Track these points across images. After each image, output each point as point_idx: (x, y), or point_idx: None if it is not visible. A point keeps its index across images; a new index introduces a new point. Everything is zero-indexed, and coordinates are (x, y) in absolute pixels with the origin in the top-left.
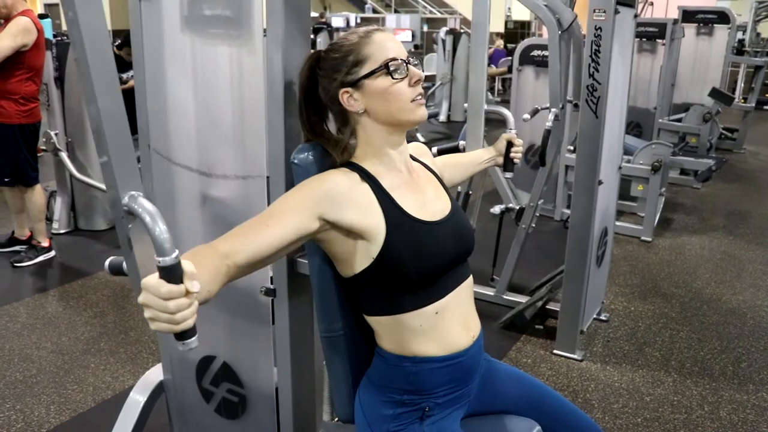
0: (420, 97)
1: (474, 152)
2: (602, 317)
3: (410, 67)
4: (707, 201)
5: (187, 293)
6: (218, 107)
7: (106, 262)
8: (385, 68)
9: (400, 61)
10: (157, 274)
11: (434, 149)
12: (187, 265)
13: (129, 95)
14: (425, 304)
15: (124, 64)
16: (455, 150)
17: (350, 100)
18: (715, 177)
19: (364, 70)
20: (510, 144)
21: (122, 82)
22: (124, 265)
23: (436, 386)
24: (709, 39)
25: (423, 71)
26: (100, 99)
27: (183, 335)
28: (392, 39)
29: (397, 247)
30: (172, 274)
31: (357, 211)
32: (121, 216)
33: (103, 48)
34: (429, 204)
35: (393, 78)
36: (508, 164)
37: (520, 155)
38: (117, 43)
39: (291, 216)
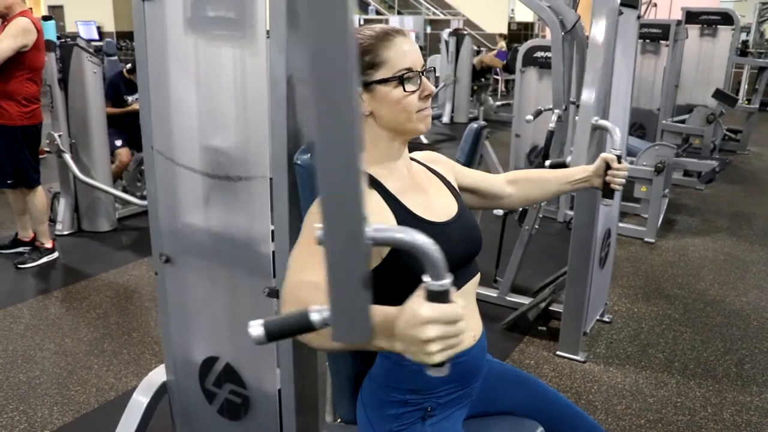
0: (427, 109)
1: (567, 169)
2: (605, 319)
3: (423, 79)
4: (711, 202)
5: None
6: (221, 108)
7: (259, 330)
8: (399, 79)
9: (415, 72)
10: (425, 303)
11: (547, 162)
12: None
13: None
14: None
15: (133, 87)
16: (564, 165)
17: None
18: (718, 178)
19: (379, 75)
20: (609, 166)
21: (127, 104)
22: (314, 317)
23: (437, 386)
24: (712, 40)
25: (437, 72)
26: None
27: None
28: (411, 44)
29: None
30: (448, 296)
31: (373, 218)
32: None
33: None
34: (434, 205)
35: (405, 90)
36: (605, 189)
37: (619, 181)
38: (128, 68)
39: None
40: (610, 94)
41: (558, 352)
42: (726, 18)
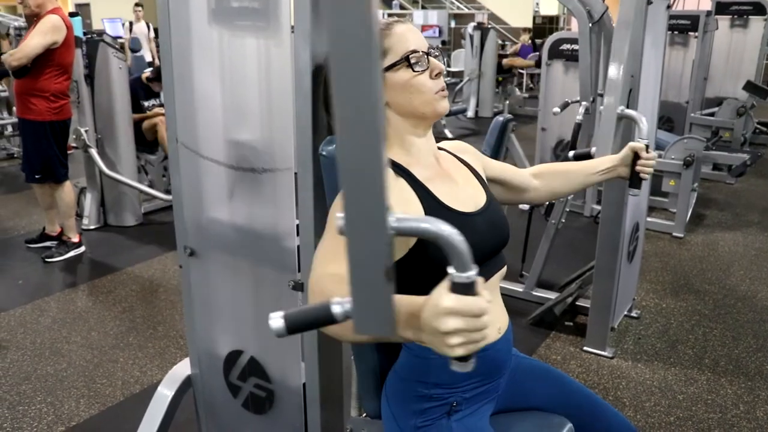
0: (442, 89)
1: (592, 160)
2: (633, 314)
3: (431, 59)
4: (741, 196)
5: None
6: (246, 100)
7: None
8: (406, 60)
9: (420, 53)
10: (448, 294)
11: (570, 153)
12: None
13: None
14: None
15: (151, 94)
16: (589, 156)
17: None
18: (749, 172)
19: (385, 62)
20: (637, 155)
21: (144, 109)
22: (335, 309)
23: (462, 380)
24: (743, 31)
25: (445, 64)
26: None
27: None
28: (413, 31)
29: None
30: (473, 289)
31: (399, 206)
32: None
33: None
34: (462, 194)
35: (414, 71)
36: (633, 179)
37: (649, 170)
38: (147, 75)
39: None
40: (639, 84)
41: (585, 348)
42: (758, 8)
